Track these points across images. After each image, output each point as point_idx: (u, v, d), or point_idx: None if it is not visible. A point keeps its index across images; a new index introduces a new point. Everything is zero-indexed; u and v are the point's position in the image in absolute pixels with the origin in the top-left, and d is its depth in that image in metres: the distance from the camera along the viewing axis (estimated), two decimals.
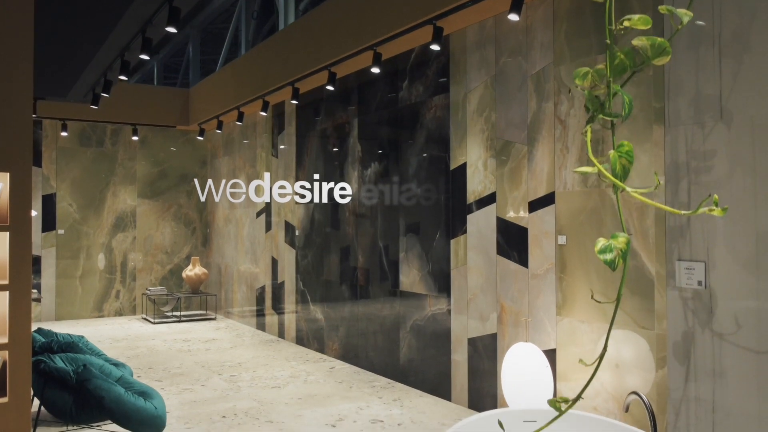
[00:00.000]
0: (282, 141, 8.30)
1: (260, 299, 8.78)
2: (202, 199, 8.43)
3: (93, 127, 9.87)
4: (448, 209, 5.39)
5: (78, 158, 9.77)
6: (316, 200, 6.99)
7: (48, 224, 9.54)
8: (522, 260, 4.63)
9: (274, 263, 8.40)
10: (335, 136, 7.19)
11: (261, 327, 8.74)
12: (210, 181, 7.31)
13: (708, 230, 1.55)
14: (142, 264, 10.22)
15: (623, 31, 1.55)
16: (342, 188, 6.76)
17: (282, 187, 7.32)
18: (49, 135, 9.57)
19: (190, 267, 9.87)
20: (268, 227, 8.58)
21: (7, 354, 3.16)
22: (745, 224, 1.48)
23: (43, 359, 4.21)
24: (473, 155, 5.11)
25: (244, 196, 7.77)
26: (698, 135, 1.54)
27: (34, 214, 9.27)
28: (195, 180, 7.77)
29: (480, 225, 5.02)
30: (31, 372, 3.46)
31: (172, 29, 4.68)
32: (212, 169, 10.47)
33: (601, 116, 1.37)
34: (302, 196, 7.19)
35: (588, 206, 4.14)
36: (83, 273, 9.78)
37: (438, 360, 5.46)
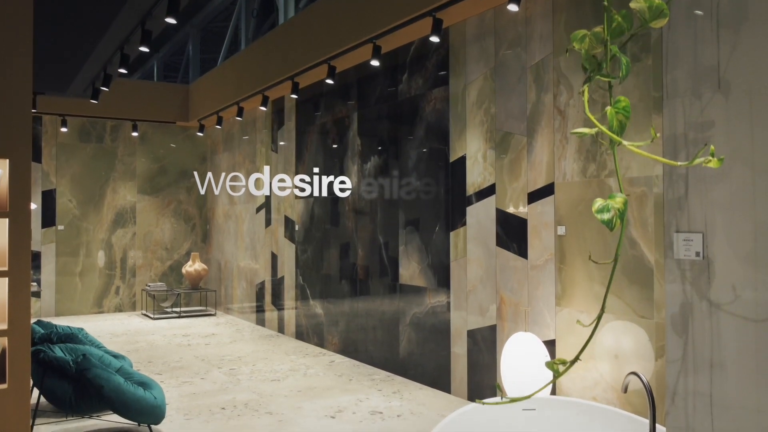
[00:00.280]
0: (282, 136, 8.30)
1: (260, 295, 8.78)
2: (202, 192, 8.41)
3: (93, 123, 9.87)
4: (448, 202, 5.39)
5: (78, 154, 9.77)
6: (316, 194, 6.99)
7: (48, 220, 9.53)
8: (521, 251, 4.63)
9: (274, 258, 8.40)
10: (335, 131, 7.20)
11: (261, 322, 8.75)
12: (209, 174, 7.29)
13: (706, 202, 1.56)
14: (142, 260, 10.22)
15: None
16: (342, 182, 6.76)
17: (282, 180, 7.31)
18: (49, 131, 9.57)
19: (190, 263, 9.87)
20: (268, 223, 8.58)
21: (7, 341, 3.17)
22: (743, 194, 1.49)
23: (43, 349, 4.21)
24: (473, 147, 5.11)
25: (244, 189, 7.76)
26: (696, 106, 1.54)
27: (34, 207, 9.27)
28: (195, 173, 7.76)
29: (479, 217, 5.02)
30: (31, 362, 3.46)
31: (172, 20, 4.68)
32: (212, 165, 10.47)
33: (598, 77, 1.37)
34: (302, 190, 7.19)
35: (587, 196, 4.14)
36: (83, 269, 9.78)
37: (437, 353, 5.46)
